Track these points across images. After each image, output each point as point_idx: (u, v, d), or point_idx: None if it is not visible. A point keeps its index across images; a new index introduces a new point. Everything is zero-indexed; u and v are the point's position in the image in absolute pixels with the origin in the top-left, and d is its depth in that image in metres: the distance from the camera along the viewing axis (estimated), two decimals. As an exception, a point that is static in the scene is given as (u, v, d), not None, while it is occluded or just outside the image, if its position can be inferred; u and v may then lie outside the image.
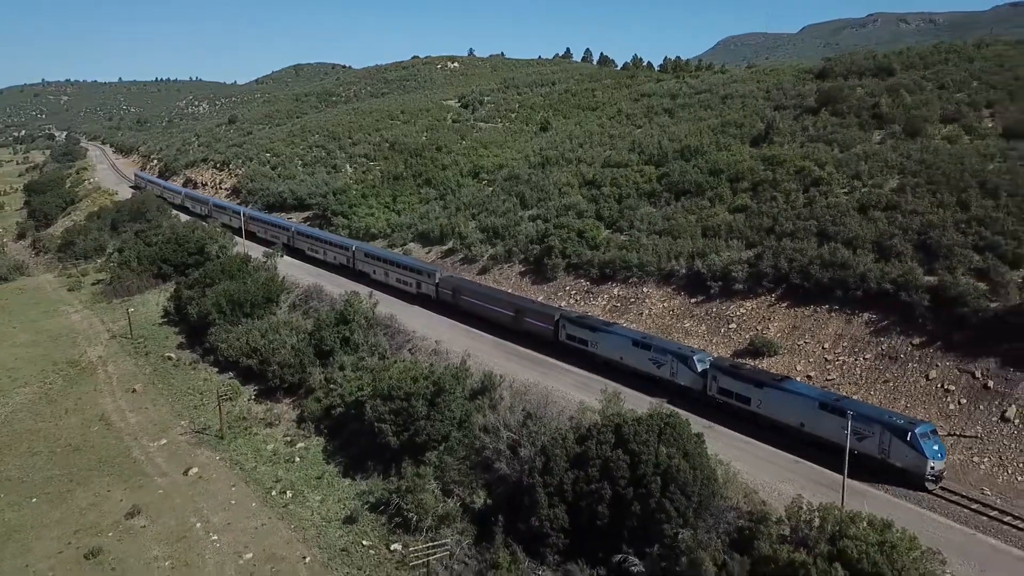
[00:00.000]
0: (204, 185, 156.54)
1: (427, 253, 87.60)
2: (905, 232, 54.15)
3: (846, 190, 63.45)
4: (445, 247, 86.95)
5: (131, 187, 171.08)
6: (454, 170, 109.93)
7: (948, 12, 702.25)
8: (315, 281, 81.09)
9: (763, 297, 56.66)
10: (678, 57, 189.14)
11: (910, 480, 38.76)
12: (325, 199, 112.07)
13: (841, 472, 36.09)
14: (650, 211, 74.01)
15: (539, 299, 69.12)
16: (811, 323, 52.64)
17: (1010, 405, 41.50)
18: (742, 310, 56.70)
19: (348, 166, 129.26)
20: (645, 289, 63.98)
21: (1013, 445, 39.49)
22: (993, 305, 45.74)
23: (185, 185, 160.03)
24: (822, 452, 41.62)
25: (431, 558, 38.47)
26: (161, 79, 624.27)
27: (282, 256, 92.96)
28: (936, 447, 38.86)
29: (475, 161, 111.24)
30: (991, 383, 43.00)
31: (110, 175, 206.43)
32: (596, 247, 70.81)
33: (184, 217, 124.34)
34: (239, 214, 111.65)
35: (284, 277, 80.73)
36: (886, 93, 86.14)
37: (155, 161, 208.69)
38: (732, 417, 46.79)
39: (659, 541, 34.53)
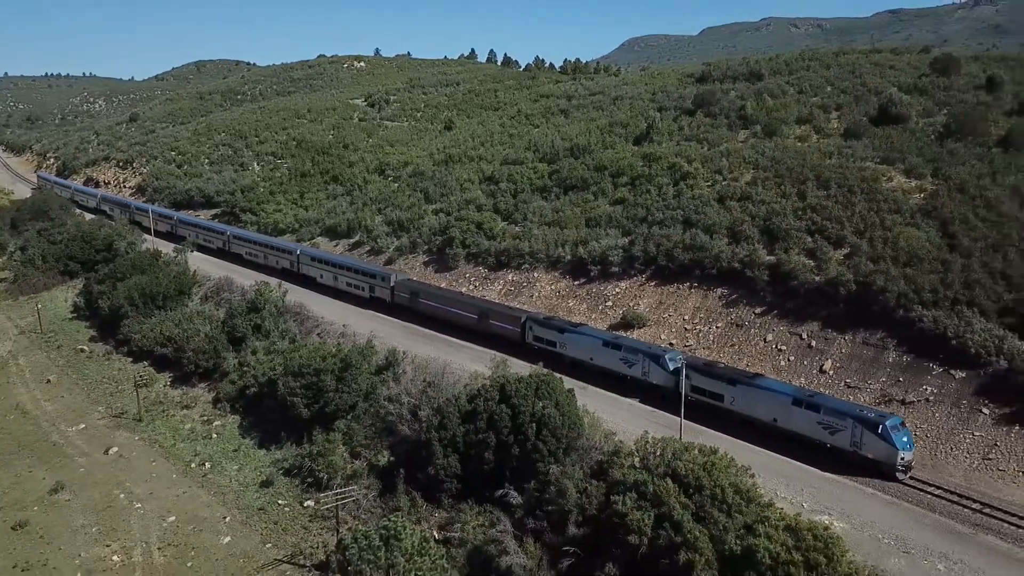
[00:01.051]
0: (107, 184, 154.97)
1: (335, 246, 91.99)
2: (753, 219, 62.72)
3: (709, 183, 71.88)
4: (352, 240, 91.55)
5: (33, 188, 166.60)
6: (361, 167, 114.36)
7: (834, 17, 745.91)
8: (226, 274, 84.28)
9: (635, 278, 64.25)
10: (578, 59, 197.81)
11: (882, 471, 40.63)
12: (233, 196, 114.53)
13: (678, 415, 43.45)
14: (541, 204, 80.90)
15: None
16: (674, 298, 60.51)
17: (827, 359, 50.12)
18: (617, 289, 64.14)
19: (256, 164, 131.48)
20: (536, 274, 70.70)
21: (828, 390, 47.86)
22: (817, 278, 54.45)
23: (87, 184, 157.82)
24: (794, 445, 43.78)
25: (340, 507, 43.77)
26: (52, 74, 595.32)
27: (192, 251, 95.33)
28: (905, 438, 40.75)
29: (381, 158, 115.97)
30: (814, 343, 51.61)
31: (3, 174, 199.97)
32: (493, 238, 77.16)
33: (89, 217, 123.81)
34: (171, 218, 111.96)
35: (195, 271, 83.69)
36: (752, 97, 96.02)
37: (52, 160, 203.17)
38: (706, 414, 47.68)
39: (535, 477, 40.97)
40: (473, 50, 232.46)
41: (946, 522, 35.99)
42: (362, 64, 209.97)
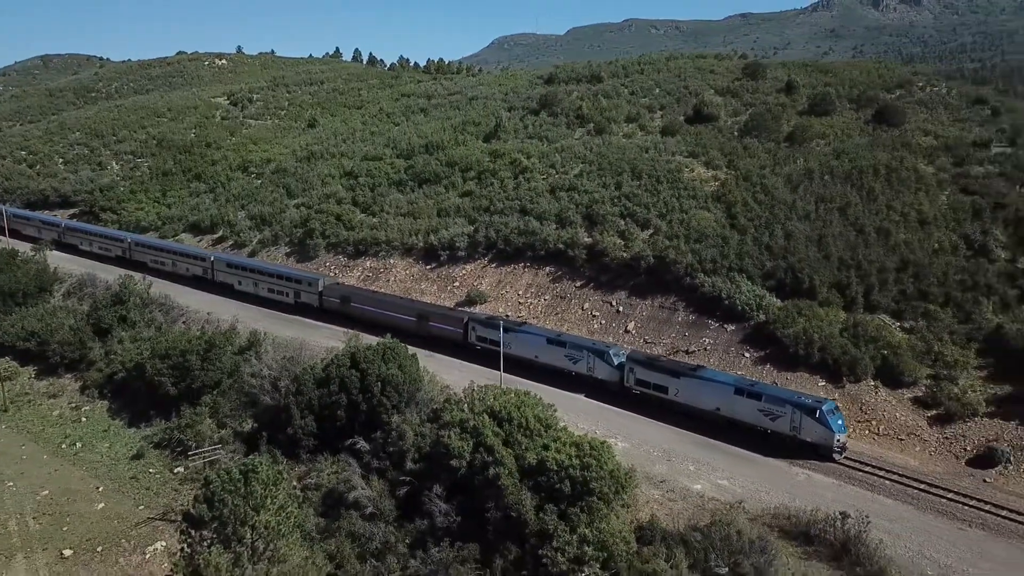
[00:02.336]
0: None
1: (199, 241, 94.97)
2: (577, 207, 72.00)
3: (544, 176, 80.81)
4: (216, 235, 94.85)
5: None
6: (224, 165, 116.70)
7: (691, 20, 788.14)
8: (88, 271, 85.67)
9: (479, 260, 72.21)
10: (441, 59, 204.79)
11: (820, 453, 43.17)
12: (92, 195, 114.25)
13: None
14: (398, 197, 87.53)
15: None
16: (511, 277, 68.88)
17: (631, 321, 59.77)
18: (464, 271, 71.88)
19: (114, 163, 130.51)
20: (391, 261, 77.35)
21: (629, 344, 57.28)
22: (625, 255, 64.13)
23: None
24: (737, 432, 46.13)
25: (206, 465, 49.10)
26: None
27: (52, 250, 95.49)
28: (840, 421, 43.54)
29: (244, 156, 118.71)
30: (621, 308, 61.19)
31: None
32: (352, 228, 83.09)
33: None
34: (57, 226, 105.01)
35: (56, 268, 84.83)
36: (590, 97, 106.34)
37: None
38: (651, 407, 49.81)
39: (381, 427, 47.88)
40: (338, 49, 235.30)
41: (702, 438, 45.83)
42: (224, 62, 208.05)
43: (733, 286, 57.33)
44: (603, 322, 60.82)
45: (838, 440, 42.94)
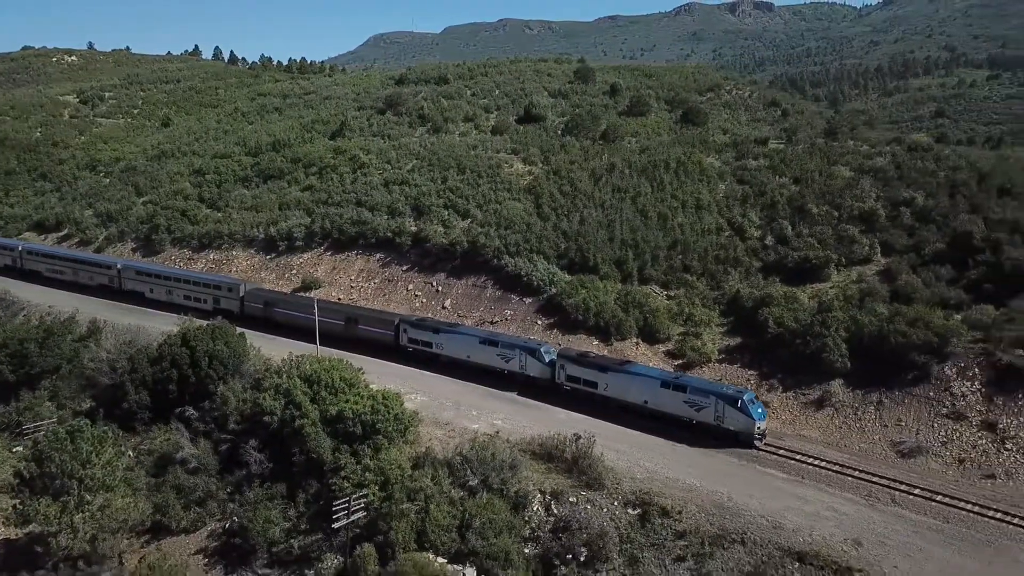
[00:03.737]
0: None
1: (44, 240, 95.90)
2: (407, 199, 79.28)
3: (380, 171, 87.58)
4: (61, 233, 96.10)
5: None
6: (71, 164, 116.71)
7: (563, 21, 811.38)
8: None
9: (316, 250, 78.27)
10: (304, 58, 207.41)
11: (741, 440, 45.18)
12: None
13: (315, 342, 57.97)
14: (243, 192, 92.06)
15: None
16: (344, 264, 75.40)
17: (448, 299, 67.67)
18: (301, 260, 77.74)
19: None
20: (234, 252, 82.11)
21: (444, 316, 65.01)
22: (444, 241, 71.94)
23: None
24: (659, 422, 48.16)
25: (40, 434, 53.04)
26: None
27: None
28: (760, 410, 45.51)
29: (93, 155, 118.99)
30: (440, 288, 69.02)
31: None
32: (197, 223, 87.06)
33: None
34: None
35: None
36: (433, 98, 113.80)
37: None
38: (582, 402, 51.27)
39: (208, 397, 53.44)
40: (197, 46, 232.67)
41: (490, 391, 54.26)
42: (74, 59, 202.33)
43: (531, 265, 66.11)
44: (424, 300, 68.40)
45: (759, 427, 45.01)
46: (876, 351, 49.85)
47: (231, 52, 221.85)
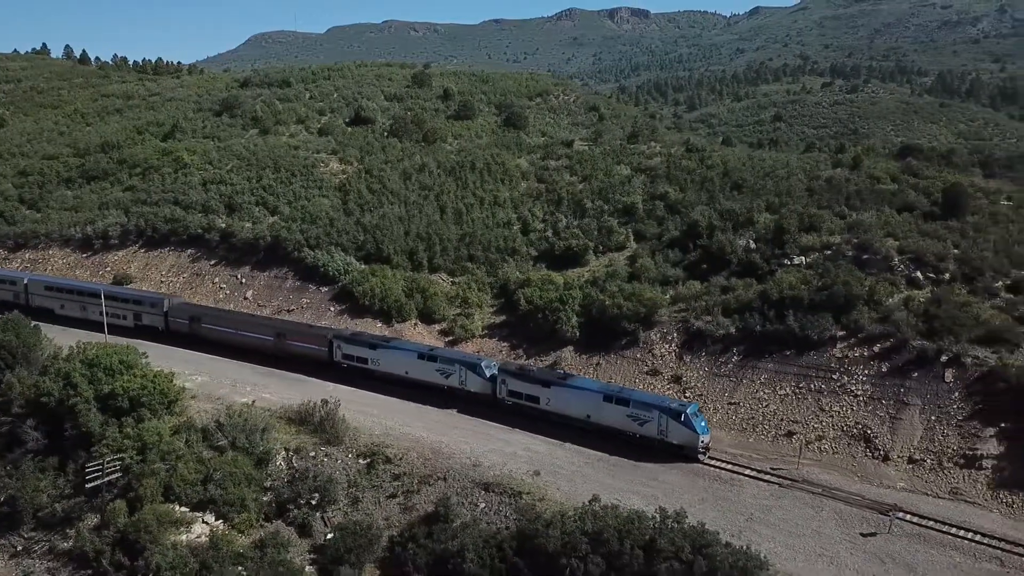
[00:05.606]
0: None
1: None
2: (221, 196, 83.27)
3: (201, 171, 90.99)
4: None
5: None
6: None
7: (448, 23, 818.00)
8: None
9: (130, 247, 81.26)
10: (160, 58, 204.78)
11: (686, 454, 44.69)
12: None
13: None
14: (65, 193, 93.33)
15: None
16: (157, 260, 78.89)
17: (250, 290, 72.46)
18: (116, 257, 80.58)
19: None
20: (51, 251, 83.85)
21: (246, 306, 69.72)
22: (250, 236, 76.49)
23: None
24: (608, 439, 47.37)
25: None
26: None
27: None
28: (703, 423, 45.26)
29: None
30: (244, 280, 73.83)
31: None
32: (14, 223, 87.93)
33: None
34: None
35: None
36: (268, 101, 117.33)
37: None
38: (523, 417, 50.40)
39: (-4, 384, 56.43)
40: (45, 45, 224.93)
41: (267, 369, 59.54)
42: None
43: (329, 257, 71.77)
44: (228, 292, 72.91)
45: (702, 441, 44.50)
46: (600, 322, 58.48)
47: (83, 51, 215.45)
